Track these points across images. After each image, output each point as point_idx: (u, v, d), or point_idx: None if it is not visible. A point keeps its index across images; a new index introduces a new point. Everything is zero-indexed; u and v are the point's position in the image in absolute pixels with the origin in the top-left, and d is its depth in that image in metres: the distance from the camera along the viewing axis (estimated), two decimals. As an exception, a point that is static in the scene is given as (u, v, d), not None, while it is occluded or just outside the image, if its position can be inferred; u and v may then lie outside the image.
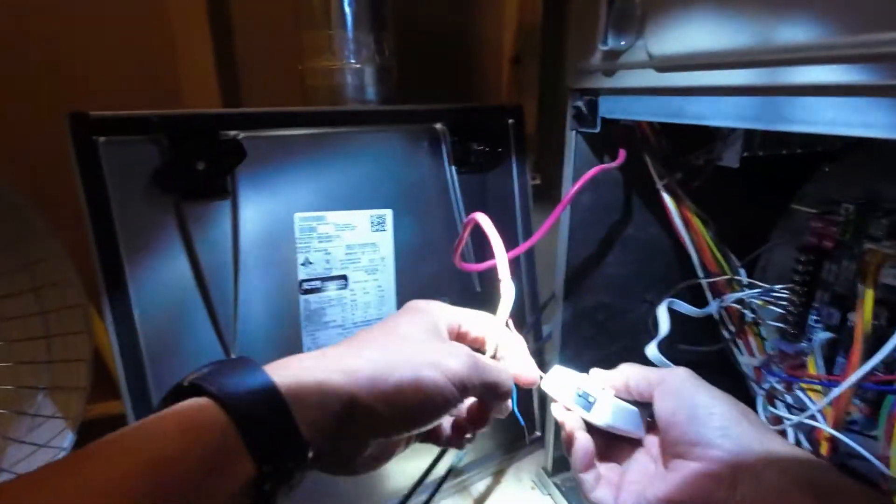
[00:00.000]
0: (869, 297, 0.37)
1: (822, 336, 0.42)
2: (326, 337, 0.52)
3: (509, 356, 0.35)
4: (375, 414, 0.27)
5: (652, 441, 0.36)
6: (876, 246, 0.37)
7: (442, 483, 0.52)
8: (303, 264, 0.49)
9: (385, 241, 0.53)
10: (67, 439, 0.46)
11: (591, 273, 0.52)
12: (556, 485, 0.56)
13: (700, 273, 0.48)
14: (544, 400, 0.62)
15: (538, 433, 0.64)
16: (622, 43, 0.37)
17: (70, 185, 0.39)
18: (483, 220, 0.34)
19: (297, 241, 0.49)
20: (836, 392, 0.35)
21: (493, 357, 0.34)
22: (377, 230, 0.53)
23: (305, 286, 0.50)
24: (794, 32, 0.26)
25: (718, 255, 0.47)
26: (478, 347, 0.34)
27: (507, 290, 0.34)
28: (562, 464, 0.57)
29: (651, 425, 0.36)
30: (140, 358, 0.43)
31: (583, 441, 0.34)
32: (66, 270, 0.47)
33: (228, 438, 0.23)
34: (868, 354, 0.35)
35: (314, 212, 0.49)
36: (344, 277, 0.52)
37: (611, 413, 0.35)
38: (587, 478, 0.34)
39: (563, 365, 0.38)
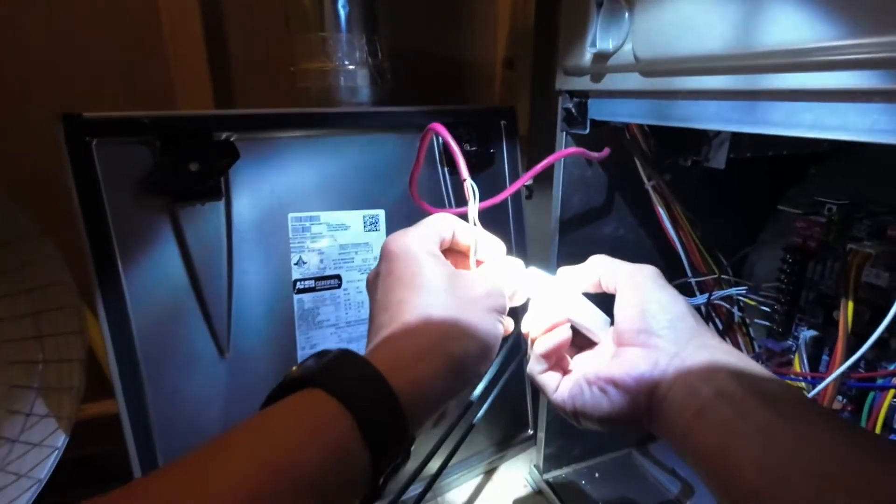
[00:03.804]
0: (851, 295, 0.37)
1: (806, 334, 0.43)
2: (320, 336, 0.52)
3: (490, 257, 0.35)
4: (464, 388, 0.29)
5: (599, 346, 0.36)
6: (858, 246, 0.38)
7: (438, 474, 0.52)
8: (296, 264, 0.50)
9: (378, 241, 0.54)
10: (61, 439, 0.46)
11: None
12: (547, 482, 0.57)
13: (689, 273, 0.48)
14: (537, 397, 0.63)
15: (530, 431, 0.65)
16: (610, 45, 0.37)
17: (63, 186, 0.40)
18: (440, 128, 0.35)
19: (290, 241, 0.49)
20: (818, 388, 0.36)
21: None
22: (370, 230, 0.53)
23: (299, 286, 0.50)
24: (775, 38, 0.27)
25: (706, 255, 0.48)
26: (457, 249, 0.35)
27: (471, 189, 0.34)
28: (554, 461, 0.58)
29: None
30: (134, 358, 0.43)
31: (565, 334, 0.34)
32: (58, 271, 0.47)
33: (349, 435, 0.23)
34: (851, 352, 0.36)
35: (307, 212, 0.50)
36: (338, 277, 0.52)
37: (578, 308, 0.36)
38: (543, 361, 0.34)
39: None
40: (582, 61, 0.41)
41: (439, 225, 0.34)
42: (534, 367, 0.35)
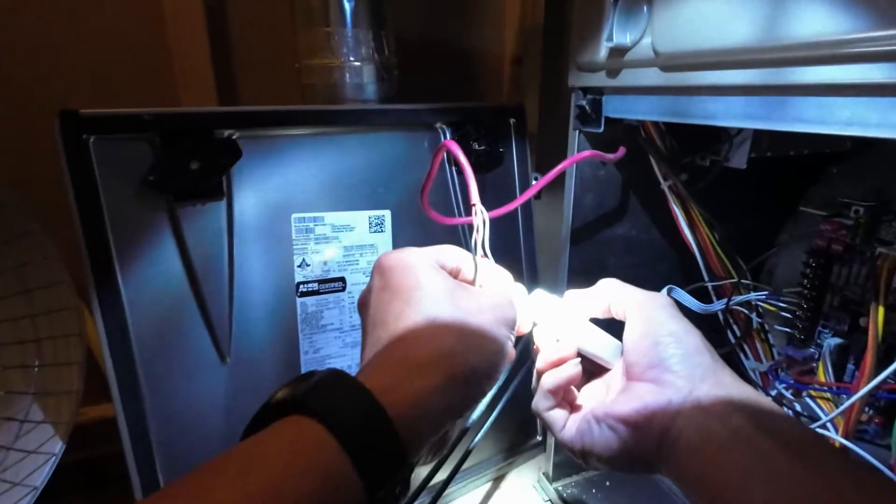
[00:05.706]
0: (881, 302, 0.35)
1: (831, 342, 0.41)
2: (324, 341, 0.50)
3: (491, 283, 0.34)
4: (467, 408, 0.27)
5: (610, 374, 0.35)
6: (888, 250, 0.36)
7: (447, 484, 0.51)
8: (299, 266, 0.48)
9: (384, 243, 0.52)
10: (58, 445, 0.45)
11: (594, 275, 0.51)
12: (557, 491, 0.55)
13: (705, 276, 0.47)
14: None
15: (539, 437, 0.63)
16: (628, 39, 0.36)
17: (62, 184, 0.38)
18: (454, 146, 0.33)
19: (293, 243, 0.48)
20: (850, 401, 0.34)
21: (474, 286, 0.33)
22: (376, 231, 0.52)
23: (302, 289, 0.49)
24: (809, 29, 0.25)
25: (724, 258, 0.46)
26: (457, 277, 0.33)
27: (481, 216, 0.32)
28: (564, 469, 0.56)
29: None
30: (132, 363, 0.41)
31: (574, 370, 0.32)
32: (58, 272, 0.46)
33: (337, 463, 0.21)
34: (881, 361, 0.34)
35: (311, 212, 0.48)
36: (342, 280, 0.51)
37: (588, 335, 0.34)
38: (551, 397, 0.33)
39: None
40: (597, 57, 0.40)
41: (446, 253, 0.32)
42: (541, 402, 0.33)
